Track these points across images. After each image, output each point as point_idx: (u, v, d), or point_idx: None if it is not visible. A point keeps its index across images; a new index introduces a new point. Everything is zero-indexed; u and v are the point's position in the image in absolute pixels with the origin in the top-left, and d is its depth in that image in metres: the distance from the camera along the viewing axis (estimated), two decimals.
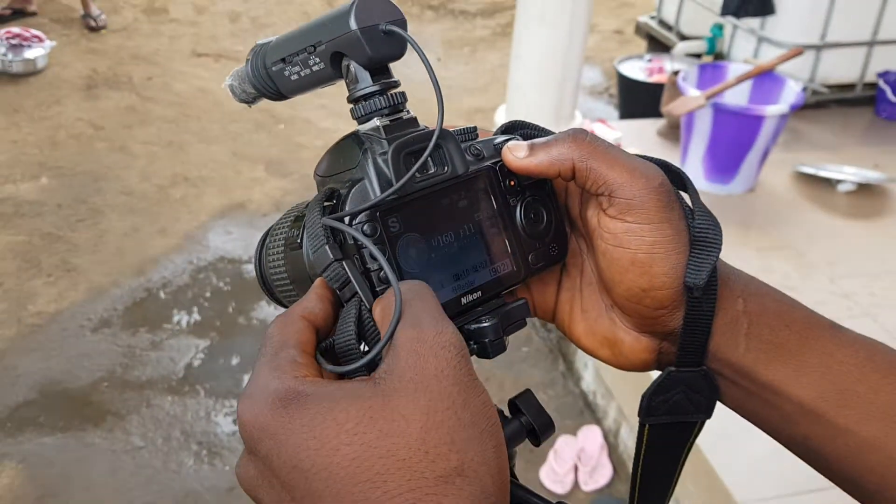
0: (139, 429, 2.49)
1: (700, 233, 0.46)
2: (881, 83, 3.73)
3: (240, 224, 3.51)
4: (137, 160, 3.93)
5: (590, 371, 2.62)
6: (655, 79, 4.01)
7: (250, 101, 0.51)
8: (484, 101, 4.73)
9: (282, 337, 0.39)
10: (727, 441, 1.87)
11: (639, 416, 0.51)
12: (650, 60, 4.22)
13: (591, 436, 2.45)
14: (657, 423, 0.50)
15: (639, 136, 3.42)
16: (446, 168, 0.46)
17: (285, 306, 0.49)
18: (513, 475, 0.47)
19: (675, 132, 3.30)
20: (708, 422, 0.51)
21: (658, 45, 4.57)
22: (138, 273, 3.16)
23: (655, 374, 0.50)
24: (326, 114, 4.36)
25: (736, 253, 2.50)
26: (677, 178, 0.48)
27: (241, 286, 3.15)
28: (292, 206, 0.50)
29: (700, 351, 0.46)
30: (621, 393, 2.41)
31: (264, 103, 0.49)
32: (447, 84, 4.99)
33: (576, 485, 2.34)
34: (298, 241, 0.46)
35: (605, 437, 2.46)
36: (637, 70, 4.15)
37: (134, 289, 3.08)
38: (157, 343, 2.83)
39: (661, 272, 0.45)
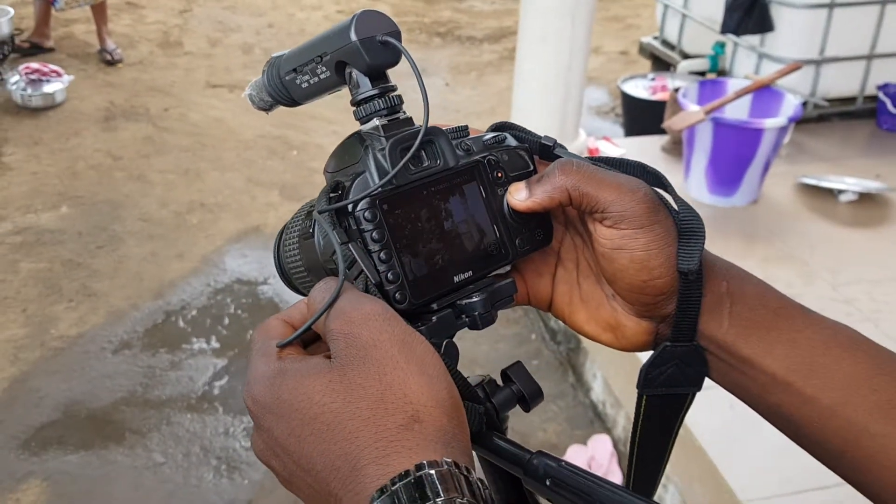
0: (160, 446, 2.56)
1: (685, 225, 0.52)
2: (881, 95, 3.79)
3: (255, 247, 3.60)
4: (155, 188, 4.04)
5: (599, 382, 2.67)
6: (659, 97, 4.08)
7: (267, 108, 0.57)
8: (491, 123, 4.80)
9: (265, 334, 0.47)
10: (731, 443, 1.91)
11: (637, 387, 0.56)
12: (653, 79, 4.30)
13: (601, 445, 2.49)
14: (654, 395, 0.56)
15: (642, 153, 3.49)
16: (438, 161, 0.52)
17: (303, 294, 0.55)
18: (503, 435, 0.53)
19: (678, 147, 3.37)
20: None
21: (662, 65, 4.66)
22: (157, 296, 3.25)
23: None
24: (338, 139, 4.44)
25: (739, 263, 2.52)
26: (655, 178, 0.55)
27: (257, 307, 3.23)
28: (307, 202, 0.55)
29: (691, 328, 0.53)
30: (630, 402, 2.46)
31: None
32: (455, 108, 5.09)
33: None
34: (311, 231, 0.52)
35: (615, 445, 2.50)
36: (640, 89, 4.23)
37: (153, 311, 3.16)
38: (176, 363, 2.91)
39: (657, 265, 0.51)
